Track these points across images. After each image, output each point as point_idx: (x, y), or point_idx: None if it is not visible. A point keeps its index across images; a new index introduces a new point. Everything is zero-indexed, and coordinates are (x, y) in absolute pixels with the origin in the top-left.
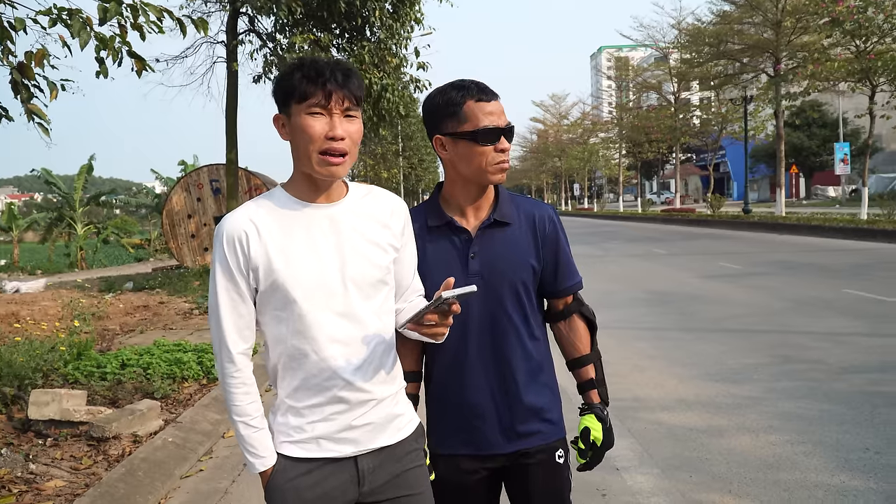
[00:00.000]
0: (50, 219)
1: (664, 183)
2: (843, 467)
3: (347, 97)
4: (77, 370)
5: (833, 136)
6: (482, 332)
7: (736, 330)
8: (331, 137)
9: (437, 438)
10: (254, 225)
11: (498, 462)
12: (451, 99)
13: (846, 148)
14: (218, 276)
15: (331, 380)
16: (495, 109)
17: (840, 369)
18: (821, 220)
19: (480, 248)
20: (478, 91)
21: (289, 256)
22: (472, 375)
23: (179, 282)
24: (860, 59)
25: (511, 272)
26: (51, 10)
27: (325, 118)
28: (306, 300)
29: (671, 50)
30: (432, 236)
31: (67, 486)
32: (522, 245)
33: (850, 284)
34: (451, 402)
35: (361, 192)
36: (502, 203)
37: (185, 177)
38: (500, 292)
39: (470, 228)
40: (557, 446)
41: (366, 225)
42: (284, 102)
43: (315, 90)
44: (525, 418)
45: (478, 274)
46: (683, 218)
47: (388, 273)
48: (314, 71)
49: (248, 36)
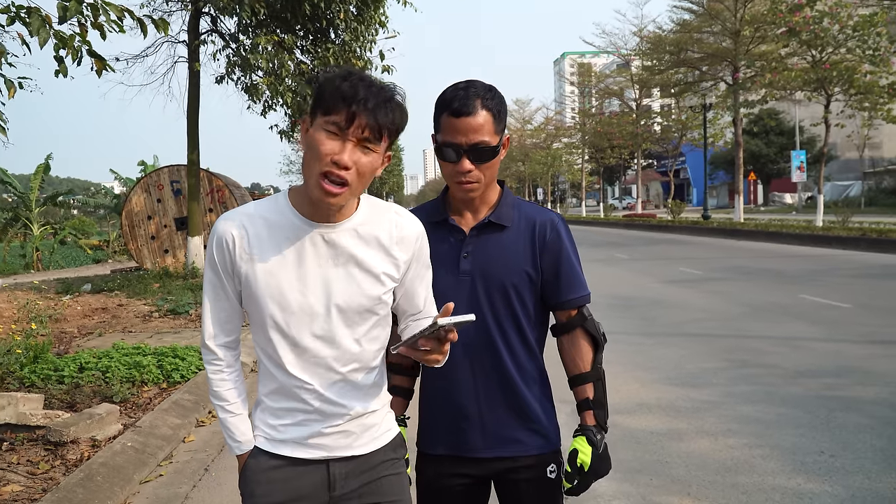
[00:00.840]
0: (5, 219)
1: (626, 188)
2: (799, 470)
3: (370, 127)
4: (34, 373)
5: (790, 144)
6: (468, 333)
7: (695, 334)
8: (335, 162)
9: (424, 438)
10: (245, 231)
11: (482, 469)
12: (437, 106)
13: (802, 156)
14: (207, 271)
15: (303, 391)
16: (463, 127)
17: (796, 373)
18: (778, 226)
19: (474, 248)
20: (455, 105)
21: (272, 272)
22: (459, 377)
23: (139, 284)
24: (816, 69)
25: (502, 275)
26: (9, 8)
27: (338, 140)
28: (284, 317)
29: (633, 57)
30: (430, 233)
31: (24, 491)
32: (517, 250)
33: (806, 290)
34: (438, 403)
35: (375, 212)
36: (502, 206)
37: (146, 177)
38: (490, 295)
39: (466, 228)
40: (548, 460)
41: (366, 252)
42: (315, 107)
43: (340, 108)
44: (509, 425)
45: (468, 273)
46: (645, 223)
47: (380, 304)
48: (350, 87)
49: (211, 36)
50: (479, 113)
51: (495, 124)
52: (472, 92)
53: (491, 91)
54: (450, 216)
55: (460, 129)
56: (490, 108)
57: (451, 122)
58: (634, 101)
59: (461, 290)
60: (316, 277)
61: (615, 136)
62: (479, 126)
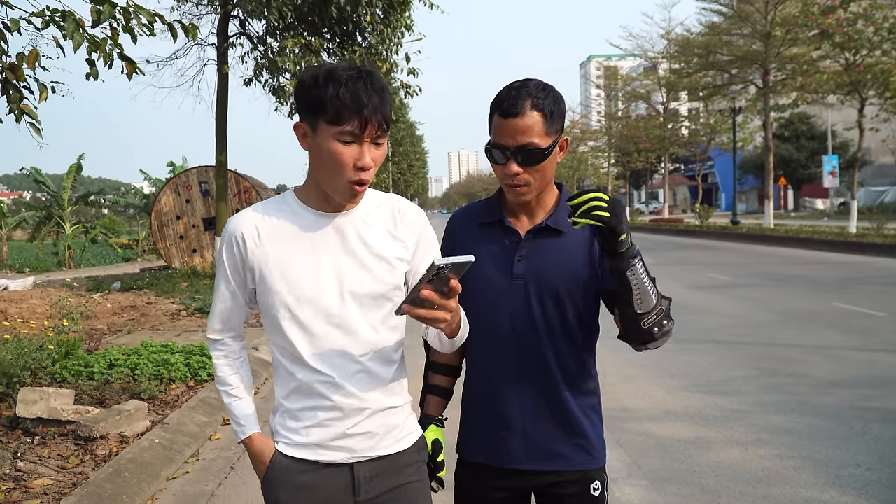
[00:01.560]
0: (38, 217)
1: (653, 192)
2: (833, 483)
3: (381, 124)
4: (65, 369)
5: (821, 149)
6: (517, 338)
7: (724, 341)
8: (360, 168)
9: (462, 443)
10: (255, 228)
11: (523, 482)
12: (491, 106)
13: (835, 160)
14: (218, 268)
15: (323, 385)
16: (511, 128)
17: (829, 383)
18: (809, 232)
19: (528, 252)
20: (504, 105)
21: (285, 263)
22: (504, 384)
23: (167, 283)
24: (849, 72)
25: (557, 282)
26: (44, 12)
27: (355, 146)
28: (300, 308)
29: (660, 60)
30: (483, 234)
31: (55, 485)
32: (575, 256)
33: (838, 298)
34: (480, 409)
35: (377, 201)
36: (560, 210)
37: (175, 178)
38: (543, 301)
39: (522, 231)
40: (592, 476)
41: (374, 237)
42: (313, 115)
43: (351, 117)
44: (553, 438)
45: (521, 277)
46: (672, 228)
47: (394, 289)
48: (351, 97)
49: (239, 39)
50: (529, 114)
51: (546, 125)
52: (524, 91)
53: (544, 90)
54: (505, 217)
55: (508, 131)
56: (541, 109)
57: (500, 123)
58: (662, 105)
59: (513, 295)
60: (328, 265)
61: (642, 140)
62: (528, 127)
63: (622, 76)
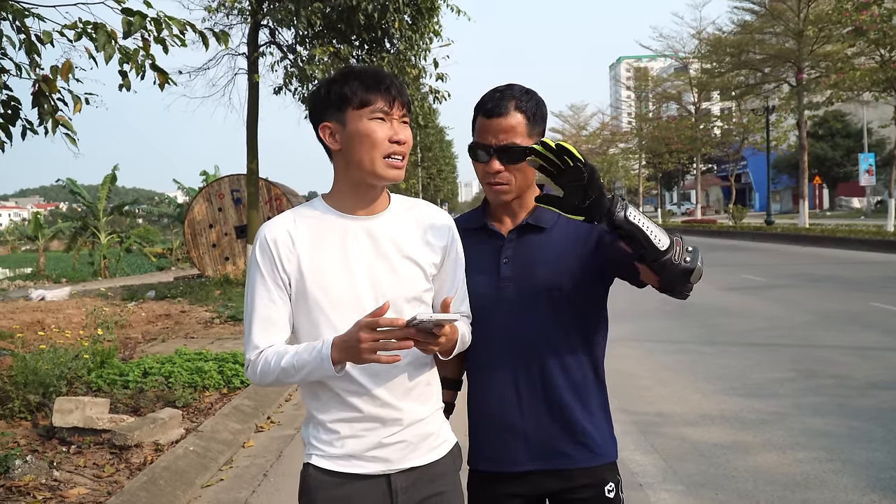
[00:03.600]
0: (74, 228)
1: (685, 194)
2: (874, 487)
3: (405, 103)
4: (100, 378)
5: (857, 147)
6: (511, 340)
7: (759, 343)
8: (395, 141)
9: (470, 454)
10: (289, 234)
11: (532, 488)
12: (474, 109)
13: (871, 158)
14: (253, 276)
15: (358, 395)
16: (494, 127)
17: (868, 385)
18: (846, 231)
19: (514, 252)
20: (488, 105)
21: (320, 268)
22: (501, 389)
23: (201, 291)
24: (885, 69)
25: (546, 278)
26: (76, 24)
27: (386, 123)
28: (335, 313)
29: (691, 60)
30: (469, 240)
31: (90, 494)
32: (562, 249)
33: (877, 298)
34: (481, 416)
35: (406, 206)
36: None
37: (207, 187)
38: (534, 300)
39: (505, 233)
40: (605, 478)
41: (404, 240)
42: (339, 109)
43: (378, 96)
44: (554, 438)
45: (510, 279)
46: (704, 229)
47: (426, 291)
48: (373, 78)
49: (269, 48)
50: (512, 114)
51: (529, 127)
52: (508, 94)
53: (528, 94)
54: (488, 222)
55: (491, 130)
56: (524, 111)
57: (483, 123)
58: (693, 105)
59: (503, 298)
60: (362, 269)
61: (673, 141)
62: (511, 127)
63: (652, 77)
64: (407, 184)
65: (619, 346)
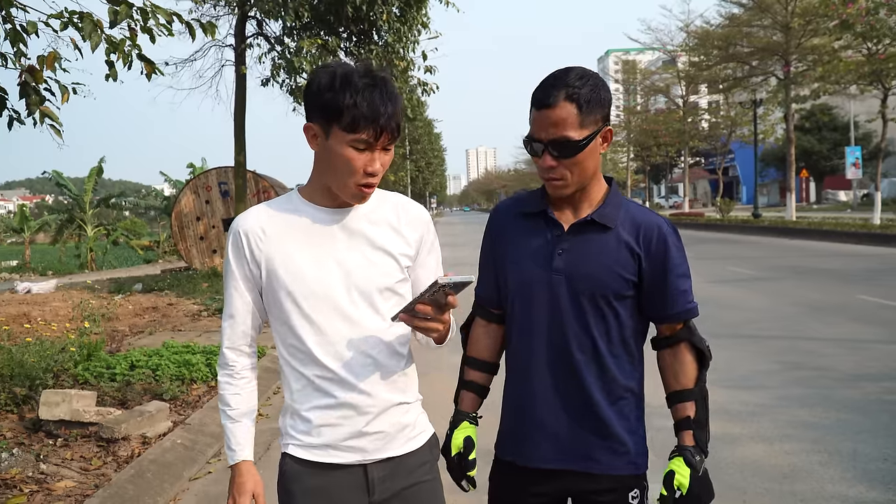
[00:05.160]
0: (61, 220)
1: (673, 187)
2: (860, 478)
3: (393, 132)
4: (87, 371)
5: (844, 140)
6: (553, 334)
7: (746, 335)
8: (369, 173)
9: (498, 440)
10: (261, 226)
11: (556, 486)
12: (531, 98)
13: (857, 152)
14: (226, 272)
15: (331, 382)
16: (544, 120)
17: (854, 376)
18: (832, 224)
19: (570, 245)
20: (538, 95)
21: (292, 260)
22: (537, 386)
23: (188, 283)
24: (871, 62)
25: (596, 280)
26: (62, 14)
27: (367, 153)
28: (307, 303)
29: (679, 53)
30: (526, 223)
31: (77, 487)
32: (617, 254)
33: (863, 290)
34: (514, 410)
35: (380, 199)
36: (607, 205)
37: (194, 179)
38: (579, 299)
39: (566, 224)
40: (630, 485)
41: (378, 232)
42: (326, 119)
43: (367, 127)
44: (586, 442)
45: (561, 272)
46: (692, 222)
47: (400, 282)
48: (368, 106)
49: (257, 39)
50: (561, 105)
51: (581, 117)
52: (560, 82)
53: (582, 79)
54: (549, 208)
55: (542, 123)
56: (575, 99)
57: (534, 115)
58: (681, 98)
59: (551, 289)
60: (333, 260)
61: (661, 134)
62: (561, 119)
63: (641, 70)
64: (395, 177)
65: None
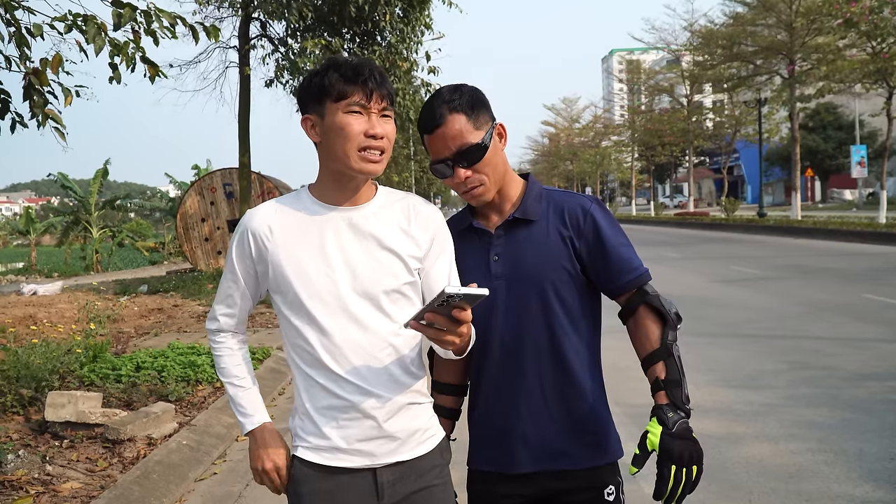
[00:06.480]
0: (66, 222)
1: (677, 186)
2: (866, 477)
3: (385, 97)
4: (93, 372)
5: (849, 139)
6: (506, 339)
7: (752, 335)
8: (371, 135)
9: (470, 453)
10: (269, 224)
11: (533, 488)
12: (418, 130)
13: (863, 150)
14: (227, 262)
15: (337, 383)
16: (440, 139)
17: (860, 376)
18: (838, 223)
19: (503, 249)
20: (426, 121)
21: (298, 258)
22: (497, 386)
23: (193, 285)
24: (875, 60)
25: (537, 274)
26: (66, 16)
27: (363, 117)
28: (313, 303)
29: (683, 52)
30: (459, 241)
31: (83, 488)
32: (550, 244)
33: (869, 289)
34: (481, 417)
35: (392, 198)
36: (527, 199)
37: (199, 181)
38: (526, 297)
39: (492, 229)
40: (605, 481)
41: (385, 231)
42: (318, 101)
43: (355, 89)
44: (555, 438)
45: (501, 277)
46: (697, 222)
47: (408, 284)
48: (352, 70)
49: (260, 41)
50: (449, 118)
51: (472, 122)
52: (437, 102)
53: (456, 91)
54: (474, 220)
55: (440, 143)
56: (459, 109)
57: (430, 140)
58: (685, 98)
59: (496, 296)
60: (340, 260)
61: (666, 134)
62: (456, 131)
63: (645, 70)
64: (400, 177)
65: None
